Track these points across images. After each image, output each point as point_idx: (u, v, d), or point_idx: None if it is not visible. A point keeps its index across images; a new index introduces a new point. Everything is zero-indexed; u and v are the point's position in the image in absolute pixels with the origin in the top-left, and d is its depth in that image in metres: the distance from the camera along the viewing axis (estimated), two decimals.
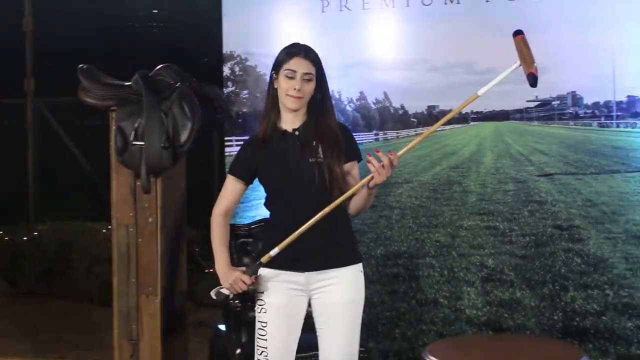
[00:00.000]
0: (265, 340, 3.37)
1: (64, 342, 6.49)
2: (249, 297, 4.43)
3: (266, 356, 3.36)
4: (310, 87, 3.34)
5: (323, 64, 3.40)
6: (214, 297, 3.45)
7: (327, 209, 3.22)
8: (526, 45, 3.37)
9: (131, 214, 4.20)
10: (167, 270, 4.22)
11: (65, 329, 6.89)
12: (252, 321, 4.31)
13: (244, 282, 3.23)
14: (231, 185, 3.46)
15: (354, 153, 3.44)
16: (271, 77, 3.41)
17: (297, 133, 3.38)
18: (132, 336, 4.18)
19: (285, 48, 3.40)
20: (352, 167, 3.41)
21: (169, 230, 4.24)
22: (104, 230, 7.52)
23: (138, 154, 4.09)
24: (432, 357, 3.82)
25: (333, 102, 3.52)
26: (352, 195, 3.28)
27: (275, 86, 3.37)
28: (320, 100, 3.39)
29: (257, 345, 3.40)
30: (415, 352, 5.04)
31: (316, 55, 3.38)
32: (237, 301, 4.29)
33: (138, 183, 4.14)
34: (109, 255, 6.70)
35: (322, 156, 3.32)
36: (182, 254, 4.42)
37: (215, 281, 6.91)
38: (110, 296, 4.49)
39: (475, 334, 4.96)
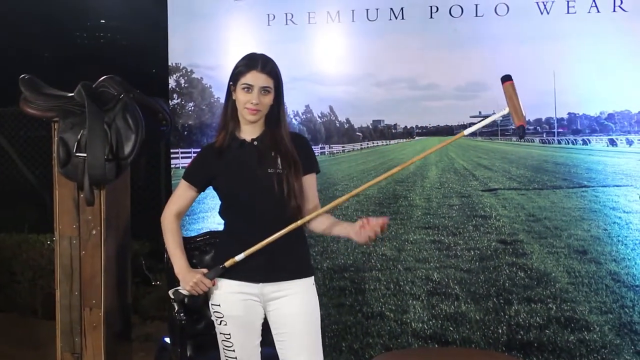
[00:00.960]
0: (233, 350, 3.36)
1: (5, 356, 6.33)
2: (195, 310, 4.40)
3: None
4: (268, 100, 3.30)
5: None
6: (172, 297, 3.41)
7: (299, 222, 3.25)
8: (515, 94, 3.31)
9: (74, 226, 4.11)
10: (112, 283, 4.13)
11: (8, 343, 6.73)
12: (197, 334, 4.30)
13: (205, 284, 3.18)
14: (183, 191, 3.41)
15: (311, 165, 3.42)
16: (229, 87, 3.36)
17: (255, 143, 3.35)
18: (75, 350, 4.10)
19: (243, 59, 3.35)
20: (309, 179, 3.39)
21: (113, 243, 4.15)
22: (49, 242, 7.37)
23: (81, 166, 4.00)
24: None
25: None
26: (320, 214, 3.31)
27: (234, 97, 3.33)
28: (276, 111, 3.34)
29: (226, 356, 3.39)
30: None
31: (274, 66, 3.33)
32: (182, 314, 4.22)
33: (81, 195, 4.04)
34: (53, 268, 6.62)
35: (280, 167, 3.29)
36: (127, 267, 4.33)
37: (161, 295, 6.84)
38: (53, 309, 4.39)
39: (421, 347, 4.95)
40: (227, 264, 3.23)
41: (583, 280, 4.83)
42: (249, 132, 3.36)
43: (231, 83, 3.35)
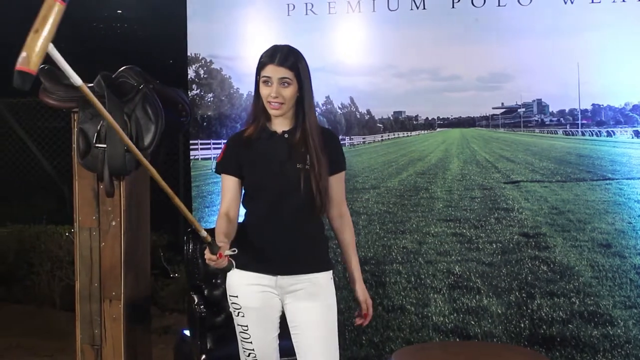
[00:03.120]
0: (250, 342, 3.35)
1: (24, 348, 6.38)
2: (214, 303, 4.41)
3: (255, 357, 3.36)
4: (288, 92, 3.26)
5: None
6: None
7: None
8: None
9: (94, 217, 4.12)
10: (131, 274, 4.14)
11: (27, 334, 6.77)
12: (216, 327, 4.31)
13: (210, 258, 3.06)
14: (224, 184, 3.36)
15: (338, 165, 3.41)
16: (256, 81, 3.34)
17: (286, 136, 3.33)
18: (95, 342, 4.11)
19: (265, 52, 3.32)
20: (335, 178, 3.39)
21: (132, 234, 4.15)
22: (67, 234, 7.41)
23: (101, 157, 4.01)
24: None
25: None
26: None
27: (260, 91, 3.32)
28: (302, 103, 3.31)
29: (243, 348, 3.38)
30: (383, 358, 5.03)
31: (296, 59, 3.28)
32: (202, 307, 4.24)
33: (101, 186, 4.05)
34: (71, 259, 6.65)
35: (309, 164, 3.27)
36: (147, 258, 4.34)
37: (179, 287, 6.87)
38: (72, 301, 4.41)
39: (442, 341, 4.94)
40: (220, 244, 3.06)
41: (607, 274, 4.80)
42: (279, 124, 3.34)
43: (257, 76, 3.33)
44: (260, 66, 3.29)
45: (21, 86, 2.50)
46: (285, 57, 3.26)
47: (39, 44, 2.51)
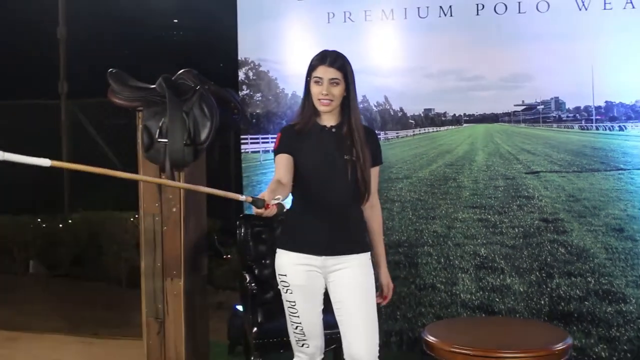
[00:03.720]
0: (298, 317, 3.36)
1: (96, 320, 6.43)
2: (264, 281, 4.41)
3: (302, 330, 3.37)
4: (337, 91, 3.28)
5: None
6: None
7: None
8: None
9: (157, 205, 4.13)
10: (190, 255, 4.15)
11: (97, 308, 6.84)
12: (266, 302, 4.31)
13: (258, 212, 2.94)
14: (280, 159, 3.30)
15: (376, 158, 3.42)
16: (307, 81, 3.34)
17: (334, 130, 3.34)
18: (158, 315, 4.13)
19: (316, 56, 3.34)
20: (373, 171, 3.39)
21: (191, 220, 4.17)
22: (131, 219, 7.46)
23: (162, 150, 4.02)
24: (430, 337, 3.78)
25: None
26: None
27: (310, 90, 3.32)
28: (348, 102, 3.32)
29: (291, 322, 3.39)
30: (415, 332, 5.01)
31: (343, 61, 3.31)
32: (253, 284, 4.25)
33: (163, 177, 4.06)
34: (135, 242, 6.69)
35: (354, 156, 3.28)
36: (203, 241, 4.34)
37: (232, 267, 6.88)
38: (137, 279, 4.44)
39: (470, 317, 4.91)
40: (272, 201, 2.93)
41: (620, 256, 4.73)
42: (327, 120, 3.35)
43: (308, 77, 3.33)
44: (312, 68, 3.30)
45: None
46: (334, 59, 3.29)
47: None
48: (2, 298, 7.20)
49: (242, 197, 2.91)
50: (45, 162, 2.42)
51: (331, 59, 3.28)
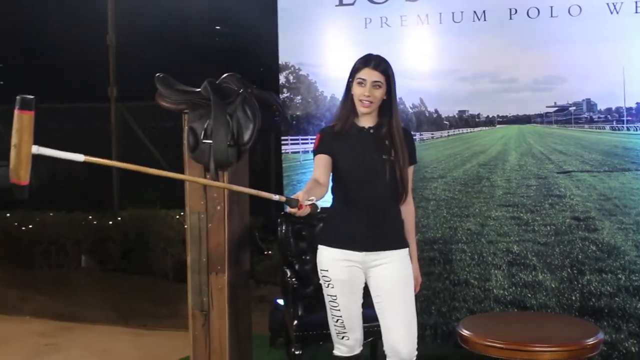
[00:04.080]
0: (339, 310, 3.36)
1: (144, 312, 6.51)
2: (304, 276, 4.43)
3: (342, 323, 3.38)
4: (379, 93, 3.30)
5: None
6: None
7: None
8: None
9: (202, 203, 4.16)
10: (233, 251, 4.18)
11: (145, 301, 6.91)
12: (307, 296, 4.33)
13: (292, 212, 2.97)
14: (318, 159, 3.32)
15: (412, 158, 3.43)
16: (349, 82, 3.35)
17: (372, 131, 3.35)
18: (203, 308, 4.16)
19: (360, 58, 3.35)
20: (409, 171, 3.40)
21: (234, 217, 4.19)
22: (177, 217, 7.53)
23: (207, 151, 4.04)
24: (465, 330, 3.77)
25: None
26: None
27: (352, 91, 3.33)
28: (388, 104, 3.33)
29: (332, 315, 3.40)
30: (449, 325, 4.99)
31: (386, 65, 3.32)
32: (294, 279, 4.26)
33: (208, 176, 4.09)
34: (181, 238, 6.76)
35: (393, 155, 3.29)
36: (246, 238, 4.37)
37: (273, 262, 6.91)
38: (182, 273, 4.48)
39: (502, 311, 4.87)
40: (305, 201, 2.95)
41: None
42: (365, 121, 3.36)
43: (350, 79, 3.34)
44: (356, 69, 3.32)
45: (20, 197, 2.42)
46: (378, 63, 3.30)
47: (20, 158, 2.38)
48: (57, 291, 7.32)
49: (275, 197, 2.93)
50: (79, 157, 2.46)
51: (375, 62, 3.30)
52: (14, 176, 2.40)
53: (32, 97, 2.39)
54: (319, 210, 3.04)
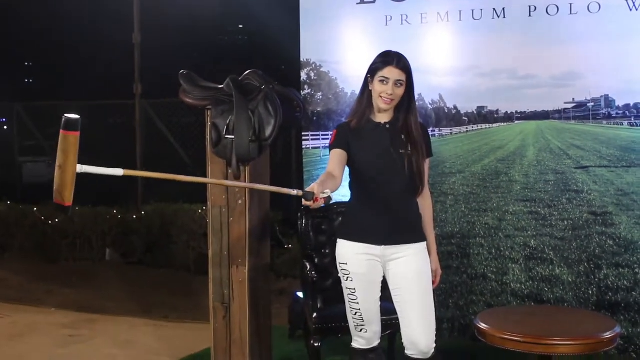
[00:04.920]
0: (357, 303, 3.37)
1: (167, 304, 6.54)
2: (323, 269, 4.44)
3: (360, 316, 3.38)
4: (400, 91, 3.30)
5: None
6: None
7: None
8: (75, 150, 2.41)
9: (224, 197, 4.18)
10: (254, 245, 4.19)
11: (168, 294, 6.95)
12: (326, 289, 4.33)
13: (307, 205, 2.96)
14: (334, 153, 3.31)
15: (429, 152, 3.43)
16: (366, 79, 3.36)
17: (388, 127, 3.35)
18: (224, 300, 4.18)
19: (381, 56, 3.34)
20: (426, 164, 3.40)
21: (255, 211, 4.21)
22: (199, 211, 7.56)
23: (230, 146, 4.06)
24: (482, 324, 3.76)
25: None
26: None
27: (370, 88, 3.34)
28: (407, 101, 3.34)
29: (351, 308, 3.40)
30: (467, 319, 4.99)
31: (407, 63, 3.32)
32: (313, 272, 4.27)
33: (230, 171, 4.11)
34: (203, 232, 6.78)
35: (410, 150, 3.29)
36: (266, 232, 4.38)
37: (293, 256, 6.93)
38: (204, 266, 4.50)
39: (519, 305, 4.86)
40: (320, 195, 2.93)
41: None
42: (381, 117, 3.37)
43: (369, 76, 3.34)
44: (378, 67, 3.30)
45: (65, 215, 2.40)
46: (399, 60, 3.30)
47: (65, 179, 2.36)
48: (82, 283, 7.38)
49: (294, 192, 2.93)
50: (118, 172, 2.47)
51: (397, 59, 3.29)
52: (58, 197, 2.38)
53: (77, 117, 2.37)
54: (331, 202, 3.03)
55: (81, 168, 2.39)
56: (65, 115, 2.35)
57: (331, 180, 3.12)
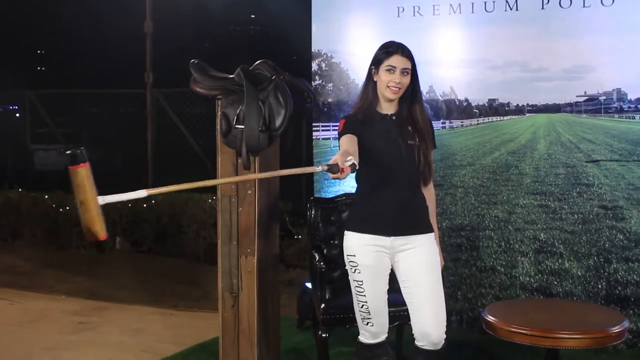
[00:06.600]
0: (364, 295, 3.36)
1: (176, 293, 6.56)
2: (332, 260, 4.44)
3: (367, 308, 3.37)
4: (406, 80, 3.30)
5: None
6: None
7: None
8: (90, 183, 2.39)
9: (233, 187, 4.18)
10: (263, 235, 4.19)
11: (177, 283, 6.97)
12: (335, 280, 4.34)
13: (334, 177, 2.89)
14: (344, 138, 3.24)
15: (434, 143, 3.43)
16: (370, 71, 3.35)
17: (394, 118, 3.35)
18: (233, 290, 4.18)
19: (384, 47, 3.34)
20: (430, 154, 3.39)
21: (265, 201, 4.21)
22: (209, 201, 7.57)
23: (240, 136, 4.06)
24: (490, 317, 3.75)
25: None
26: None
27: (375, 79, 3.33)
28: (412, 91, 3.33)
29: (357, 300, 3.40)
30: (475, 311, 4.98)
31: (410, 52, 3.32)
32: (322, 263, 4.27)
33: (239, 161, 4.11)
34: (213, 222, 6.79)
35: (419, 141, 3.29)
36: (276, 222, 4.39)
37: (302, 246, 6.94)
38: (214, 256, 4.50)
39: (528, 298, 4.85)
40: (345, 164, 2.87)
41: None
42: (387, 108, 3.36)
43: (373, 67, 3.33)
44: (383, 57, 3.29)
45: (103, 248, 2.36)
46: (404, 49, 3.31)
47: (92, 215, 2.33)
48: (92, 271, 7.41)
49: (318, 168, 2.91)
50: (142, 193, 2.42)
51: (402, 48, 3.30)
52: (90, 235, 2.33)
53: (81, 149, 2.33)
54: (357, 168, 2.95)
55: (103, 199, 2.34)
56: (67, 152, 2.31)
57: (348, 155, 2.99)
